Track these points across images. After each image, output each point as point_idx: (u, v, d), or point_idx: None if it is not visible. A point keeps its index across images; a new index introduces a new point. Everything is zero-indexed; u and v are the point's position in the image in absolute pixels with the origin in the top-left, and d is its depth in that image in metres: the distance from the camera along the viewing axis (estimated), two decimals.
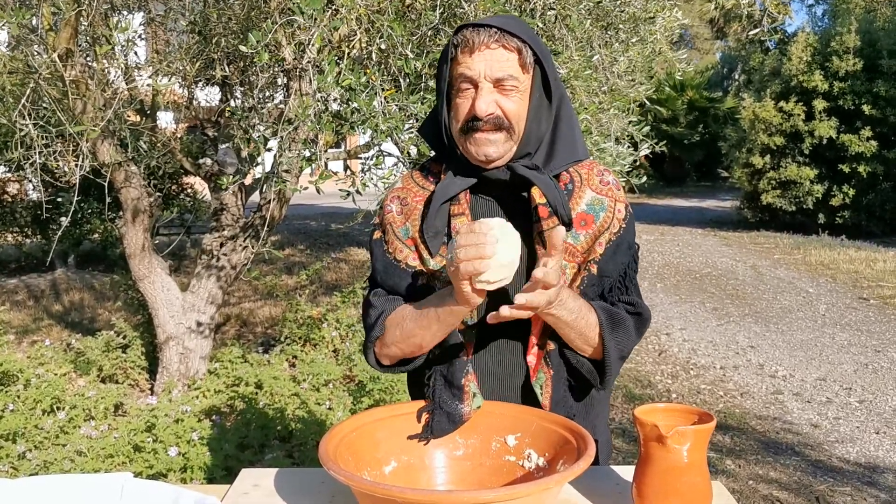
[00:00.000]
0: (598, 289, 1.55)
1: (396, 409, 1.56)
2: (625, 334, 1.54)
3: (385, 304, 1.58)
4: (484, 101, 1.44)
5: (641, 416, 1.40)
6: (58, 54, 3.46)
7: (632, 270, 1.59)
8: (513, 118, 1.47)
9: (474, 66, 1.44)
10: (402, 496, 1.18)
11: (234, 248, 4.69)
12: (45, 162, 3.71)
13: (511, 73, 1.44)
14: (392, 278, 1.59)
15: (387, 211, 1.62)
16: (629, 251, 1.58)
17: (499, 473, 1.48)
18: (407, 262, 1.57)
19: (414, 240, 1.57)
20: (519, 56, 1.45)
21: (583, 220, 1.53)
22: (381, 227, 1.63)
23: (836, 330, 7.28)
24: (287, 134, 3.56)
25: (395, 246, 1.59)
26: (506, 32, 1.43)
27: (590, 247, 1.53)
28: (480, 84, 1.45)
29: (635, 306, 1.57)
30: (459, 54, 1.46)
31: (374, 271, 1.63)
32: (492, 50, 1.43)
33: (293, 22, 3.17)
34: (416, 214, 1.58)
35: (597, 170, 1.59)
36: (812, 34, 14.36)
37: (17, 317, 7.02)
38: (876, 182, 13.39)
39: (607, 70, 4.21)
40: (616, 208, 1.56)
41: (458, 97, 1.49)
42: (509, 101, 1.46)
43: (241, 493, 1.51)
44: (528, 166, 1.51)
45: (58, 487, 1.40)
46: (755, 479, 4.05)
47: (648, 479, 1.38)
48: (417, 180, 1.63)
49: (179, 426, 3.58)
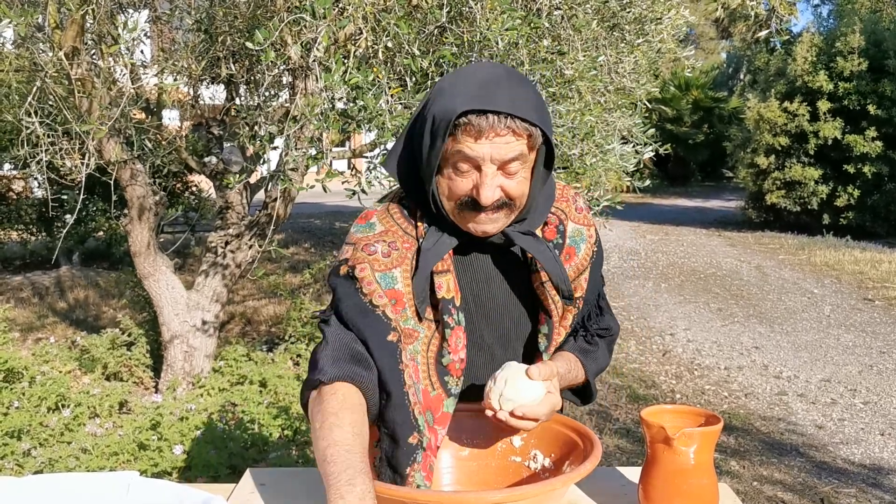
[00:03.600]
0: (579, 317, 1.56)
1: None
2: (602, 363, 1.61)
3: (344, 361, 1.32)
4: (489, 189, 1.33)
5: (648, 417, 1.40)
6: (64, 52, 3.47)
7: (601, 288, 1.63)
8: (516, 197, 1.38)
9: (479, 150, 1.31)
10: (410, 496, 1.19)
11: (240, 246, 4.69)
12: (51, 160, 3.72)
13: (519, 154, 1.33)
14: (363, 320, 1.36)
15: (369, 251, 1.41)
16: (599, 270, 1.60)
17: (504, 474, 1.48)
18: (385, 311, 1.37)
19: (400, 293, 1.40)
20: (528, 139, 1.33)
21: (566, 255, 1.51)
22: (353, 264, 1.41)
23: (841, 331, 7.26)
24: (293, 132, 3.57)
25: (372, 288, 1.38)
26: (515, 118, 1.30)
27: (574, 280, 1.51)
28: (485, 168, 1.33)
29: (609, 330, 1.62)
30: (461, 134, 1.31)
31: (341, 311, 1.39)
32: (500, 136, 1.30)
33: (300, 20, 3.17)
34: (406, 264, 1.42)
35: (568, 196, 1.55)
36: (817, 34, 14.33)
37: (22, 314, 7.04)
38: (881, 183, 13.35)
39: (613, 70, 4.21)
40: (590, 234, 1.55)
41: (454, 173, 1.36)
42: (514, 182, 1.36)
43: (248, 493, 1.52)
44: (523, 232, 1.45)
45: (64, 486, 1.40)
46: (759, 480, 4.05)
47: (655, 481, 1.38)
48: (399, 222, 1.47)
49: (184, 424, 3.58)
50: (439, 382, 1.43)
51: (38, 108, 3.55)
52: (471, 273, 1.50)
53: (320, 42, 3.16)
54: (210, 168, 5.25)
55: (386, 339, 1.36)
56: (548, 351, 1.52)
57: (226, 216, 4.89)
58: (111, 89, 3.81)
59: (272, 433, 3.84)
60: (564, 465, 1.40)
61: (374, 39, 3.31)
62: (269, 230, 4.38)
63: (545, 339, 1.51)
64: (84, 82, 3.72)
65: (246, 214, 4.96)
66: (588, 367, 1.54)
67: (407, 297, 1.41)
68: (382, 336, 1.36)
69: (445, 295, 1.42)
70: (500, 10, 3.05)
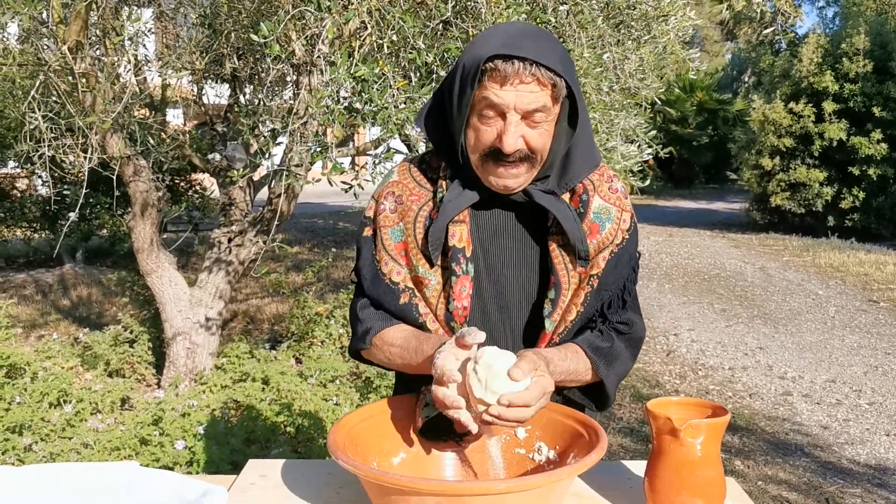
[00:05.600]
0: (597, 304, 1.51)
1: (405, 401, 1.54)
2: (620, 365, 1.54)
3: (373, 320, 1.54)
4: (512, 136, 1.37)
5: (654, 409, 1.38)
6: (68, 47, 3.46)
7: (630, 283, 1.55)
8: (538, 151, 1.41)
9: (504, 96, 1.35)
10: (412, 486, 1.17)
11: (243, 242, 4.68)
12: (55, 155, 3.71)
13: (542, 105, 1.36)
14: (377, 290, 1.54)
15: (380, 209, 1.54)
16: (629, 263, 1.54)
17: (508, 466, 1.46)
18: (391, 278, 1.51)
19: (405, 244, 1.51)
20: (552, 90, 1.36)
21: (588, 230, 1.49)
22: (373, 225, 1.55)
23: (846, 332, 7.23)
24: (297, 128, 3.56)
25: (381, 255, 1.53)
26: (541, 66, 1.33)
27: (593, 258, 1.49)
28: (509, 116, 1.36)
29: (629, 325, 1.55)
30: (487, 80, 1.35)
31: (361, 276, 1.57)
32: (525, 84, 1.34)
33: (304, 14, 3.16)
34: (409, 216, 1.51)
35: (606, 175, 1.54)
36: (823, 36, 14.29)
37: (25, 311, 7.03)
38: (886, 185, 13.30)
39: (618, 68, 4.19)
40: (622, 218, 1.52)
41: (480, 122, 1.40)
42: (536, 133, 1.39)
43: (248, 484, 1.50)
44: (545, 191, 1.47)
45: (66, 475, 1.39)
46: (765, 480, 4.02)
47: (661, 473, 1.36)
48: (415, 176, 1.56)
49: (186, 420, 3.57)
50: (446, 328, 1.50)
51: (42, 102, 3.53)
52: (487, 229, 1.53)
53: (325, 36, 3.15)
54: (214, 165, 5.24)
55: (399, 304, 1.51)
56: (551, 318, 1.49)
57: (229, 213, 4.88)
58: (115, 84, 3.80)
59: (274, 430, 3.83)
60: (569, 457, 1.38)
61: (380, 34, 3.29)
62: (273, 227, 4.37)
63: (550, 305, 1.49)
64: (88, 77, 3.71)
65: (249, 211, 4.95)
66: (598, 364, 1.48)
67: (412, 247, 1.50)
68: (395, 301, 1.51)
69: (457, 244, 1.48)
70: (505, 5, 3.03)
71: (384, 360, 1.54)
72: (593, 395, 1.56)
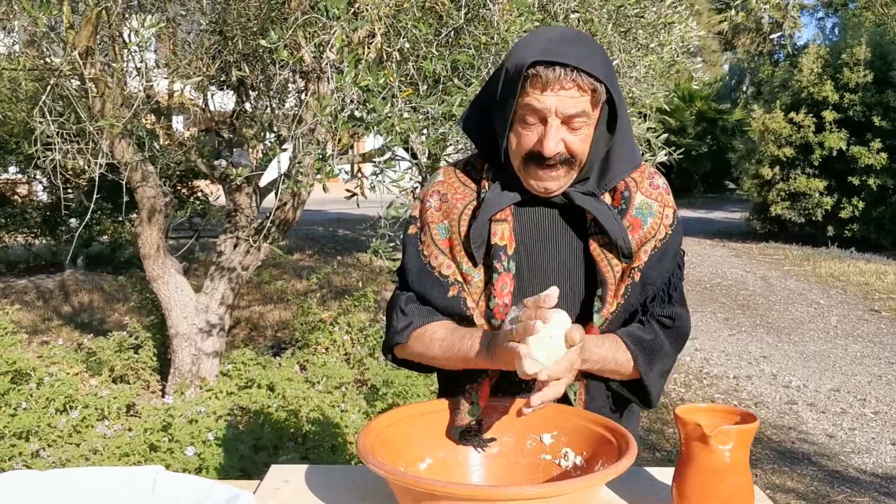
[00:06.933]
0: (641, 297, 1.52)
1: (431, 405, 1.54)
2: (663, 358, 1.53)
3: (417, 315, 1.55)
4: (553, 140, 1.40)
5: (683, 415, 1.38)
6: (78, 52, 3.45)
7: (676, 278, 1.56)
8: (578, 155, 1.44)
9: (545, 101, 1.38)
10: (445, 490, 1.16)
11: (248, 249, 4.67)
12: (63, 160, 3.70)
13: (582, 111, 1.39)
14: (423, 284, 1.56)
15: (426, 207, 1.58)
16: (674, 258, 1.55)
17: (534, 472, 1.46)
18: (441, 271, 1.54)
19: (450, 241, 1.55)
20: (592, 95, 1.39)
21: (629, 225, 1.51)
22: (419, 223, 1.59)
23: (849, 341, 7.23)
24: (301, 133, 3.55)
25: (430, 249, 1.56)
26: (582, 72, 1.36)
27: (635, 251, 1.51)
28: (550, 121, 1.40)
29: (674, 319, 1.54)
30: (529, 86, 1.39)
31: (406, 271, 1.60)
32: (566, 90, 1.37)
33: (314, 21, 3.16)
34: (454, 214, 1.55)
35: (647, 172, 1.56)
36: (823, 46, 14.33)
37: (27, 317, 7.01)
38: (886, 195, 13.32)
39: (626, 75, 4.20)
40: (664, 214, 1.53)
41: (521, 126, 1.44)
42: (576, 137, 1.42)
43: (273, 489, 1.49)
44: (585, 193, 1.50)
45: (88, 480, 1.38)
46: (772, 489, 4.02)
47: (690, 480, 1.36)
48: (460, 177, 1.60)
49: (194, 426, 3.55)
50: (487, 325, 1.52)
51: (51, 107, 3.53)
52: (529, 228, 1.55)
53: (333, 43, 3.15)
54: (219, 171, 5.23)
55: (447, 296, 1.53)
56: (601, 314, 1.50)
57: (234, 219, 4.87)
58: (124, 90, 3.79)
59: (281, 437, 3.81)
60: (597, 464, 1.38)
61: (389, 43, 3.29)
62: (269, 226, 4.36)
63: (599, 301, 1.50)
64: (98, 82, 3.71)
65: (255, 217, 4.94)
66: (637, 355, 1.48)
67: (456, 244, 1.54)
68: (443, 294, 1.54)
69: (499, 241, 1.51)
70: (518, 13, 3.03)
71: (422, 352, 1.53)
72: (638, 391, 1.56)
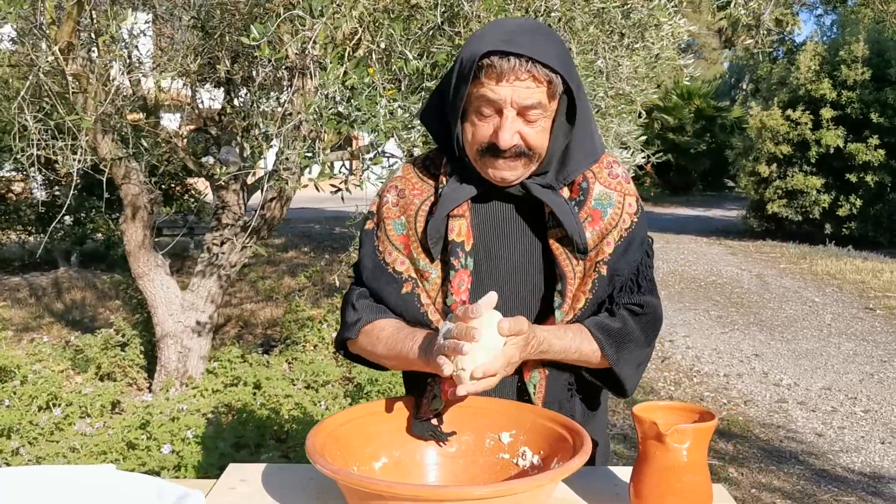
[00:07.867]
0: (609, 289, 1.49)
1: (388, 404, 1.52)
2: (633, 347, 1.50)
3: (366, 311, 1.54)
4: (508, 132, 1.38)
5: (640, 413, 1.36)
6: (59, 48, 3.43)
7: (645, 266, 1.52)
8: (535, 147, 1.42)
9: (500, 91, 1.36)
10: (390, 491, 1.14)
11: (235, 246, 4.66)
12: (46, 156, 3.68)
13: (538, 102, 1.37)
14: (378, 281, 1.55)
15: (383, 202, 1.57)
16: (641, 247, 1.52)
17: (492, 471, 1.44)
18: (395, 268, 1.53)
19: (407, 237, 1.53)
20: (549, 86, 1.37)
21: (589, 216, 1.48)
22: (376, 218, 1.58)
23: (842, 339, 7.21)
24: (289, 131, 3.53)
25: (385, 246, 1.55)
26: (537, 63, 1.34)
27: (597, 245, 1.47)
28: (505, 112, 1.37)
29: (643, 307, 1.51)
30: (484, 77, 1.36)
31: (362, 267, 1.59)
32: (521, 80, 1.35)
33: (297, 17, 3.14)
34: (412, 210, 1.53)
35: (606, 162, 1.52)
36: (821, 43, 14.30)
37: (18, 314, 7.00)
38: (883, 192, 13.29)
39: (611, 74, 4.17)
40: (626, 203, 1.50)
41: (476, 118, 1.41)
42: (533, 129, 1.40)
43: (228, 488, 1.47)
44: (543, 185, 1.47)
45: (40, 477, 1.37)
46: (758, 488, 4.00)
47: (646, 479, 1.34)
48: (418, 172, 1.58)
49: (175, 424, 3.53)
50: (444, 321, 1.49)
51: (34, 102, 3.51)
52: (487, 223, 1.53)
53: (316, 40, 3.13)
54: (207, 169, 5.21)
55: (401, 293, 1.52)
56: (561, 308, 1.47)
57: (221, 217, 4.85)
58: (106, 85, 3.77)
59: (263, 435, 3.80)
60: (553, 462, 1.36)
61: (372, 40, 3.27)
62: (256, 222, 4.34)
63: (559, 297, 1.48)
64: (79, 78, 3.69)
65: (242, 215, 4.92)
66: (604, 343, 1.45)
67: (413, 240, 1.52)
68: (397, 291, 1.52)
69: (456, 238, 1.48)
70: (495, 11, 3.01)
71: (369, 349, 1.52)
72: (609, 379, 1.53)
